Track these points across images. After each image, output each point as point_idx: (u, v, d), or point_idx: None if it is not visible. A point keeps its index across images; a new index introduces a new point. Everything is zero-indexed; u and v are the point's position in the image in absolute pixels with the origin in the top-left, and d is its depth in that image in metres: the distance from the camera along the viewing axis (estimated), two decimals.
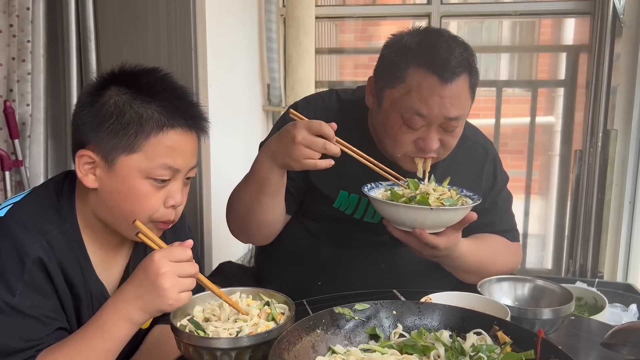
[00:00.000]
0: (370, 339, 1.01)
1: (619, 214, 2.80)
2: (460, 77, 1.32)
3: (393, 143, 1.38)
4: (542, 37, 3.45)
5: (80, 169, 1.08)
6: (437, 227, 1.27)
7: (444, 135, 1.36)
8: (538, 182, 3.29)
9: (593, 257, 2.79)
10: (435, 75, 1.30)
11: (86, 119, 1.08)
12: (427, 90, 1.30)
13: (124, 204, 1.09)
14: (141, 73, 1.12)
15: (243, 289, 1.13)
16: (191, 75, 2.19)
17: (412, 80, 1.32)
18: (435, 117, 1.31)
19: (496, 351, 0.94)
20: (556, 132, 3.16)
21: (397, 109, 1.34)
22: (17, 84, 2.04)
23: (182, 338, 0.98)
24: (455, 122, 1.34)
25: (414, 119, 1.32)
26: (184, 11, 2.15)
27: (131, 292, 0.99)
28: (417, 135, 1.35)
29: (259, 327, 1.00)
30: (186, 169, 1.12)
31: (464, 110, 1.35)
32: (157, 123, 1.06)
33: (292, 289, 1.14)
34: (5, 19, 2.00)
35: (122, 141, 1.06)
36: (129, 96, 1.07)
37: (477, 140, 1.59)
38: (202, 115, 1.15)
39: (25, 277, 1.02)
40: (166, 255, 0.98)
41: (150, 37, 2.16)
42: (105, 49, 2.17)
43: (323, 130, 1.23)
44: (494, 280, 1.28)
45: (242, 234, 1.57)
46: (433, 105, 1.30)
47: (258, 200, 1.40)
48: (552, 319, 1.14)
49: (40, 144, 2.09)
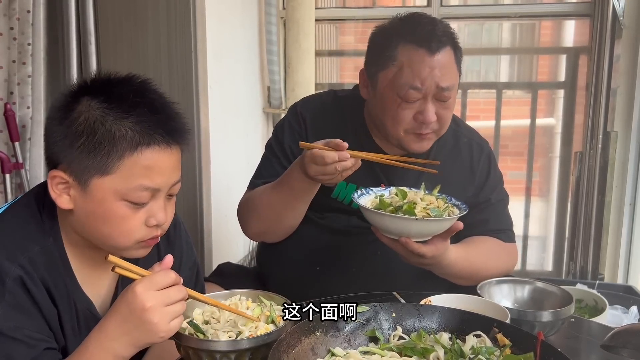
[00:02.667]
0: (370, 341, 1.01)
1: (619, 216, 2.80)
2: (446, 47, 1.41)
3: (393, 122, 1.44)
4: (542, 39, 3.45)
5: (54, 189, 1.01)
6: (423, 236, 1.28)
7: (439, 108, 1.43)
8: (538, 183, 3.29)
9: (593, 259, 2.78)
10: (423, 48, 1.39)
11: (56, 137, 1.00)
12: (418, 63, 1.39)
13: (102, 227, 1.02)
14: (115, 83, 1.03)
15: (243, 292, 1.13)
16: (191, 77, 2.20)
17: (402, 56, 1.41)
18: (429, 87, 1.39)
19: (496, 353, 0.94)
20: (556, 133, 3.16)
21: (393, 88, 1.42)
22: (18, 87, 2.04)
23: (181, 341, 0.98)
24: (447, 92, 1.41)
25: (409, 93, 1.39)
26: (184, 14, 2.15)
27: (116, 329, 0.93)
28: (415, 110, 1.42)
29: (258, 330, 1.00)
30: (167, 186, 1.04)
31: (453, 80, 1.43)
32: (130, 142, 0.97)
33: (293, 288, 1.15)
34: (5, 21, 2.00)
35: (94, 162, 0.98)
36: (101, 112, 0.98)
37: (472, 138, 1.64)
38: (182, 128, 1.05)
39: (7, 297, 0.96)
40: (148, 285, 0.91)
41: (150, 39, 2.17)
42: (106, 52, 2.18)
43: (326, 160, 1.26)
44: (494, 282, 1.29)
45: (262, 236, 1.62)
46: (425, 76, 1.39)
47: (292, 207, 1.46)
48: (552, 321, 1.14)
49: (41, 146, 2.09)
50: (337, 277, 1.54)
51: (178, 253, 1.26)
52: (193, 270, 1.30)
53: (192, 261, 1.30)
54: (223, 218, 1.56)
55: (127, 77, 1.05)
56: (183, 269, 1.27)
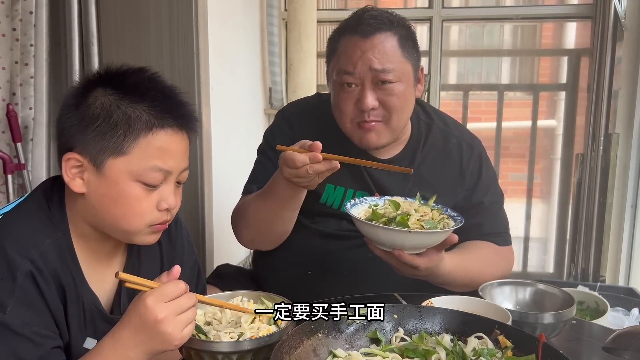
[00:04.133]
0: (372, 342, 1.01)
1: (620, 218, 2.80)
2: (382, 32, 1.40)
3: (340, 115, 1.45)
4: (544, 40, 3.45)
5: (67, 172, 1.04)
6: (417, 248, 1.25)
7: (382, 95, 1.40)
8: (539, 185, 3.30)
9: (595, 261, 2.78)
10: (356, 34, 1.40)
11: (72, 122, 1.04)
12: (351, 48, 1.41)
13: (114, 209, 1.04)
14: (128, 73, 1.07)
15: (244, 293, 1.13)
16: (193, 78, 2.20)
17: (341, 46, 1.44)
18: (362, 71, 1.39)
19: (497, 355, 0.94)
20: (558, 135, 3.16)
21: (334, 78, 1.44)
22: (20, 88, 2.04)
23: None
24: (385, 74, 1.38)
25: (344, 78, 1.41)
26: (186, 15, 2.16)
27: (130, 340, 0.94)
28: (355, 98, 1.41)
29: (260, 331, 1.01)
30: (178, 170, 1.07)
31: (393, 64, 1.39)
32: (146, 123, 1.02)
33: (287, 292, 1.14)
34: (8, 22, 2.00)
35: (110, 143, 1.01)
36: (116, 97, 1.02)
37: (462, 138, 1.60)
38: (192, 115, 1.10)
39: (17, 292, 0.97)
40: (159, 297, 0.93)
41: (152, 41, 2.17)
42: (108, 53, 2.18)
43: (296, 163, 1.24)
44: (495, 284, 1.28)
45: (254, 243, 1.61)
46: (356, 59, 1.39)
47: (280, 214, 1.44)
48: (554, 323, 1.14)
49: (43, 147, 2.10)
50: (329, 281, 1.53)
51: (179, 252, 1.26)
52: (194, 269, 1.31)
53: (193, 260, 1.31)
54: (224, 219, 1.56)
55: (139, 68, 1.09)
56: (184, 269, 1.26)
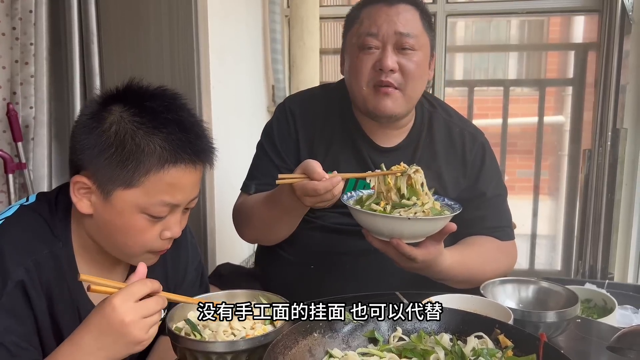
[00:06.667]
0: (369, 342, 1.00)
1: (629, 214, 2.76)
2: (406, 4, 1.44)
3: (356, 77, 1.45)
4: (551, 35, 3.42)
5: (75, 193, 1.03)
6: (415, 237, 1.24)
7: (402, 59, 1.42)
8: (547, 182, 3.26)
9: (603, 258, 2.75)
10: (380, 2, 1.44)
11: (85, 145, 1.01)
12: (375, 13, 1.44)
13: (117, 235, 1.04)
14: (147, 96, 1.04)
15: (243, 292, 1.12)
16: (194, 76, 2.19)
17: (363, 14, 1.46)
18: (386, 32, 1.41)
19: (497, 355, 0.92)
20: (565, 131, 3.13)
21: (354, 43, 1.45)
22: (21, 87, 2.04)
23: (178, 342, 0.97)
24: (407, 39, 1.41)
25: (366, 40, 1.42)
26: (186, 12, 2.15)
27: (92, 344, 0.90)
28: (374, 59, 1.42)
29: (255, 331, 0.99)
30: (186, 202, 1.06)
31: (415, 30, 1.43)
32: (158, 159, 0.99)
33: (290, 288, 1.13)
34: (8, 21, 2.00)
35: (121, 175, 0.99)
36: (132, 125, 0.99)
37: (464, 128, 1.59)
38: (209, 148, 1.08)
39: (3, 299, 0.96)
40: (126, 297, 0.89)
41: (152, 39, 2.16)
42: (108, 51, 2.17)
43: (319, 192, 1.21)
44: (497, 282, 1.26)
45: (257, 241, 1.65)
46: (381, 22, 1.42)
47: (285, 221, 1.44)
48: (557, 321, 1.11)
49: (44, 146, 2.09)
50: (332, 275, 1.52)
51: (184, 254, 1.26)
52: (198, 270, 1.30)
53: (198, 261, 1.30)
54: (226, 218, 1.56)
55: (160, 90, 1.06)
56: (189, 270, 1.27)
